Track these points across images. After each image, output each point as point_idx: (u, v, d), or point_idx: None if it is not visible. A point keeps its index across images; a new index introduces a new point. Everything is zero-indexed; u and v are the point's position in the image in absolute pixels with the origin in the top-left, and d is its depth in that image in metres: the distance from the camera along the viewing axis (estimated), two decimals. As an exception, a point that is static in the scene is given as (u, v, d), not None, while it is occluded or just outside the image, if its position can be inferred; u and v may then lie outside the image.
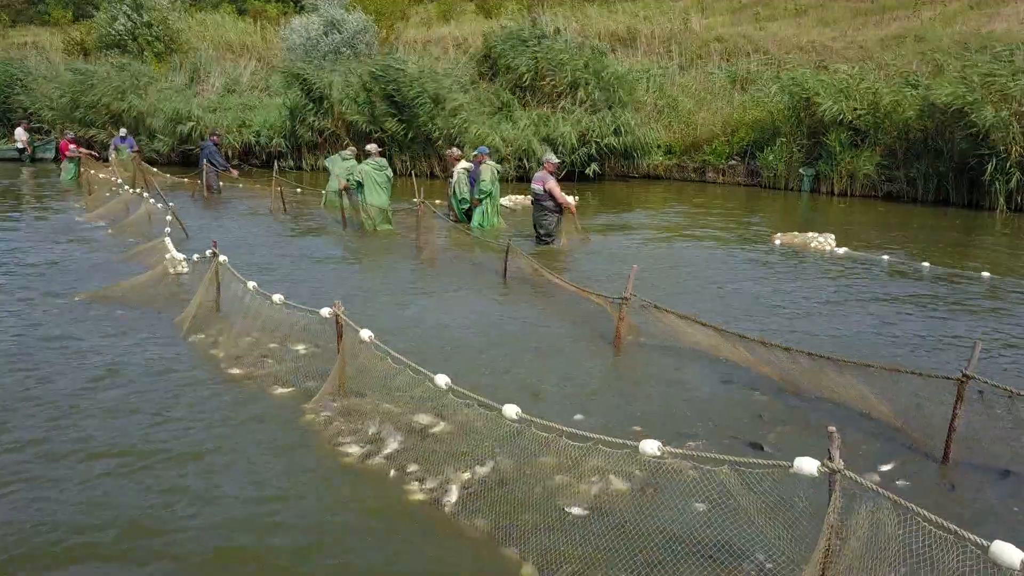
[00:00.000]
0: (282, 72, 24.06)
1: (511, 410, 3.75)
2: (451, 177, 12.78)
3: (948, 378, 4.08)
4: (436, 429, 4.38)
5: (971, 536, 2.41)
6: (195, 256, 7.63)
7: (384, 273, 9.56)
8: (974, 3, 30.95)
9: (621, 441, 3.30)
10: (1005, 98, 14.95)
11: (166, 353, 5.98)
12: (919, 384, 4.49)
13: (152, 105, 22.98)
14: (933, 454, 4.26)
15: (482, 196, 11.92)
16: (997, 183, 15.27)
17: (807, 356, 4.83)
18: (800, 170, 18.80)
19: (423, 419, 4.44)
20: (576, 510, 3.62)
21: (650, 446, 3.24)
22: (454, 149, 13.97)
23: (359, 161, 12.80)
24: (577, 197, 16.31)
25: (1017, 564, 2.35)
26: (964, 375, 4.01)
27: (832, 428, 2.77)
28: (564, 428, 3.51)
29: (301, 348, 5.84)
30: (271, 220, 13.23)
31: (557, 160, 12.05)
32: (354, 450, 4.34)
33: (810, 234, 11.48)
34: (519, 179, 19.02)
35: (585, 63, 20.76)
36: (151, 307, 7.29)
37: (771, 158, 19.27)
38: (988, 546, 2.40)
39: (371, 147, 12.50)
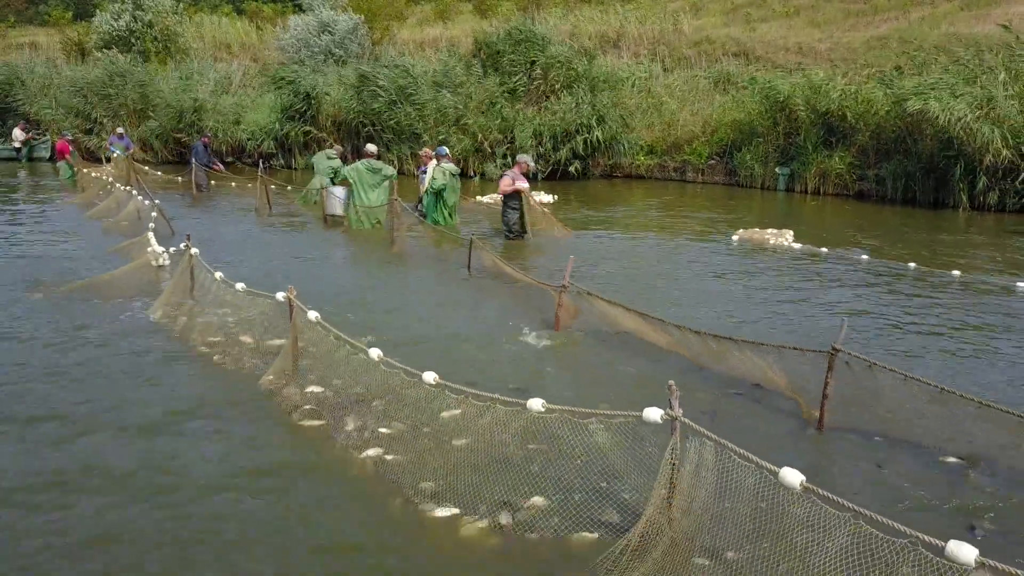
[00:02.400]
0: (270, 76, 24.68)
1: (429, 376, 4.29)
2: (423, 174, 13.16)
3: (820, 351, 4.61)
4: (368, 394, 4.94)
5: (765, 464, 2.95)
6: (171, 249, 8.18)
7: (356, 265, 10.12)
8: (964, 4, 31.29)
9: (513, 400, 3.85)
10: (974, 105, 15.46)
11: (139, 336, 6.53)
12: (814, 358, 5.00)
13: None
14: (813, 420, 4.80)
15: (430, 192, 12.34)
16: (962, 184, 15.81)
17: (713, 338, 5.36)
18: (776, 169, 19.33)
19: (358, 389, 4.98)
20: (461, 441, 4.17)
21: (535, 403, 3.79)
22: (426, 148, 14.44)
23: (345, 161, 13.27)
24: (555, 197, 16.92)
25: (798, 485, 2.89)
26: (833, 348, 4.55)
27: (671, 383, 3.31)
28: (469, 390, 4.05)
29: (259, 330, 6.39)
30: (255, 217, 13.79)
31: (531, 163, 12.55)
32: (299, 413, 4.90)
33: (769, 230, 12.01)
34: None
35: (572, 64, 21.28)
36: (131, 296, 7.85)
37: (748, 158, 19.79)
38: (778, 472, 2.94)
39: (370, 147, 12.97)
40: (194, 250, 7.30)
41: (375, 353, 4.65)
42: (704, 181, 21.09)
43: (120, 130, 20.25)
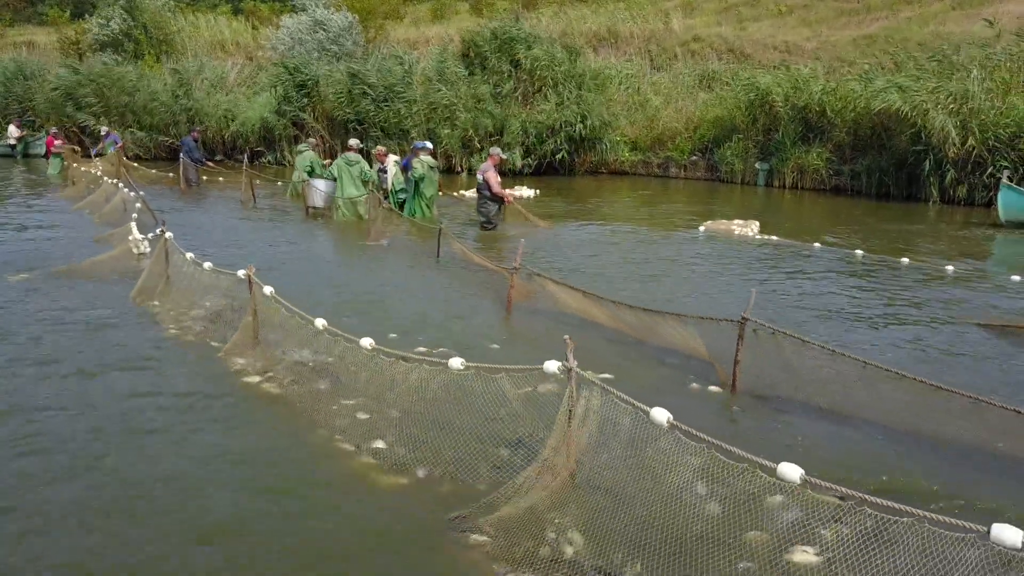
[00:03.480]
0: (274, 65, 25.11)
1: (366, 342, 4.67)
2: (384, 172, 13.50)
3: (732, 320, 4.99)
4: (315, 360, 5.33)
5: (639, 404, 3.32)
6: (149, 235, 8.56)
7: (330, 252, 10.51)
8: (956, 3, 31.54)
9: (436, 359, 4.22)
10: (942, 100, 15.83)
11: (115, 313, 6.92)
12: (728, 327, 5.35)
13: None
14: (728, 383, 5.18)
15: (402, 187, 12.66)
16: (932, 178, 16.19)
17: (643, 311, 5.74)
18: (756, 165, 19.71)
19: (305, 354, 5.37)
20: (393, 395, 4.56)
21: (455, 362, 4.16)
22: (380, 147, 14.74)
23: (319, 153, 13.59)
24: (536, 191, 17.29)
25: (665, 422, 3.26)
26: (743, 318, 4.92)
27: (567, 337, 3.68)
28: (399, 352, 4.43)
29: (223, 304, 6.79)
30: (240, 209, 14.18)
31: (504, 155, 12.92)
32: (253, 377, 5.29)
33: (736, 222, 12.38)
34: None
35: (559, 63, 21.64)
36: (112, 279, 8.24)
37: (728, 154, 20.16)
38: (649, 411, 3.31)
39: (351, 142, 13.34)
40: (168, 234, 7.67)
41: (320, 323, 5.03)
42: (686, 177, 21.48)
43: (104, 129, 20.67)
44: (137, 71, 25.48)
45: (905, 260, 9.52)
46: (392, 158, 13.44)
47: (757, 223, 12.23)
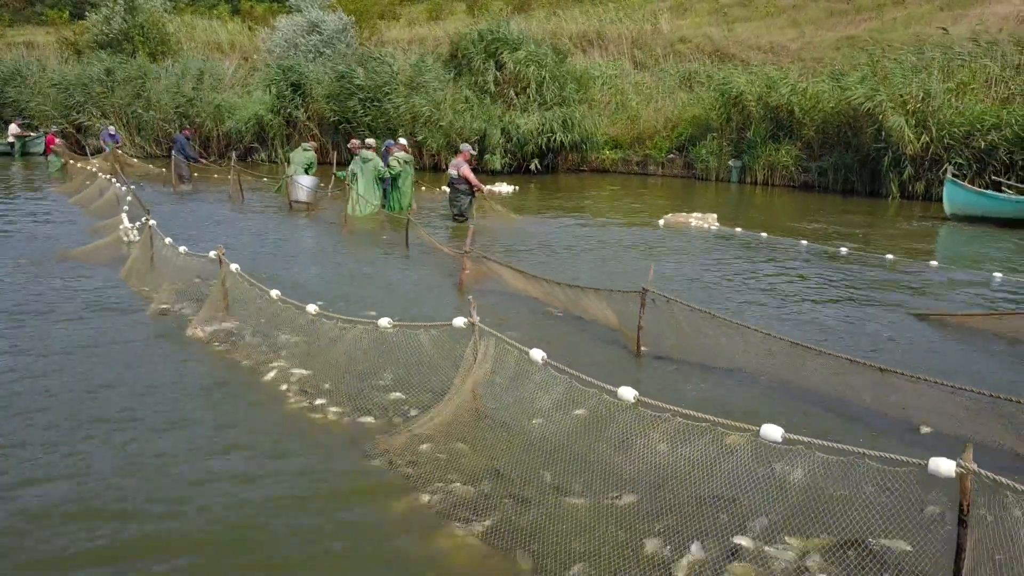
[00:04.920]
0: (269, 66, 25.86)
1: (311, 308, 5.41)
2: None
3: (634, 292, 5.71)
4: (269, 324, 6.07)
5: (521, 347, 4.04)
6: (137, 224, 9.30)
7: (307, 241, 11.26)
8: (945, 4, 32.11)
9: (368, 320, 4.95)
10: (901, 100, 16.55)
11: (105, 292, 7.66)
12: (633, 297, 6.04)
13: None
14: (633, 346, 5.91)
15: (387, 175, 13.32)
16: (891, 175, 16.91)
17: (568, 287, 6.48)
18: (729, 163, 20.42)
19: (263, 322, 6.11)
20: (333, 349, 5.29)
21: (383, 321, 4.89)
22: (355, 140, 15.41)
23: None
24: (515, 188, 18.03)
25: (540, 360, 3.98)
26: (644, 289, 5.64)
27: (471, 297, 4.41)
28: (337, 316, 5.16)
29: (197, 281, 7.54)
30: (227, 203, 14.93)
31: (473, 151, 13.65)
32: (216, 344, 6.02)
33: (695, 214, 13.09)
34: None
35: (543, 65, 22.31)
36: (106, 262, 9.01)
37: (704, 152, 20.89)
38: (528, 352, 4.04)
39: (369, 141, 14.00)
40: (152, 222, 8.41)
41: (275, 294, 5.76)
42: (664, 174, 22.20)
43: (111, 129, 21.44)
44: (139, 66, 26.24)
45: (843, 250, 10.23)
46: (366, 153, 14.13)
47: (715, 216, 12.94)
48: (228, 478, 3.94)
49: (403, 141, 13.60)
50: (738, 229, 12.03)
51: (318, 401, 4.90)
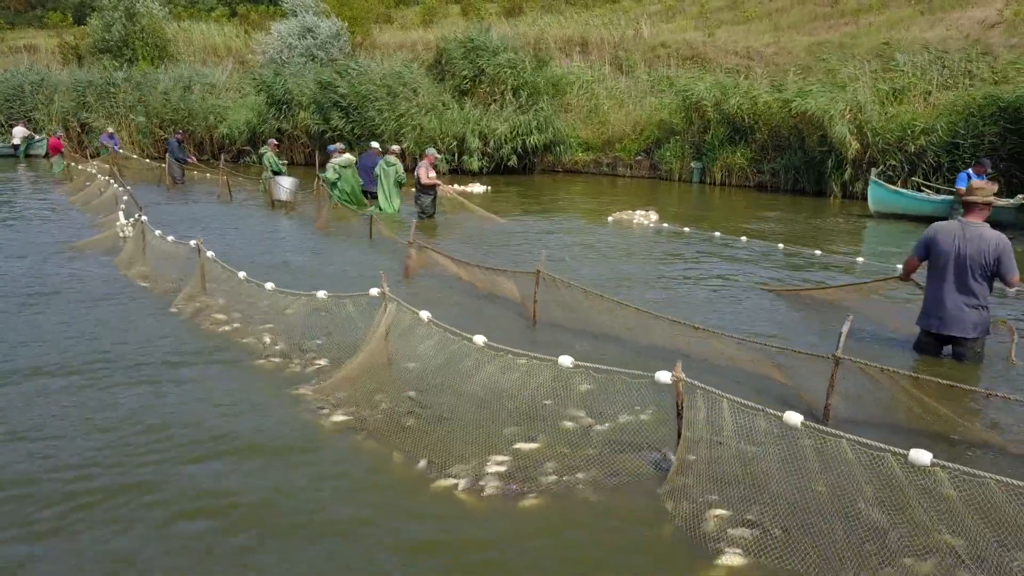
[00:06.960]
0: (252, 80, 27.21)
1: (269, 285, 6.75)
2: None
3: (530, 273, 7.05)
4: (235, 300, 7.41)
5: (414, 309, 5.38)
6: (131, 219, 10.66)
7: (287, 234, 12.63)
8: (926, 8, 33.16)
9: (308, 293, 6.30)
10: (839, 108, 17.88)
11: (103, 279, 9.01)
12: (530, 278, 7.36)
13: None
14: (531, 318, 7.25)
15: (402, 180, 14.66)
16: (834, 175, 18.26)
17: (485, 269, 7.82)
18: (691, 164, 21.76)
19: (233, 298, 7.45)
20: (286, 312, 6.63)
21: (321, 293, 6.23)
22: (339, 144, 16.67)
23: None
24: (488, 188, 19.34)
25: (426, 319, 5.32)
26: (538, 271, 6.98)
27: (381, 272, 5.74)
28: (288, 291, 6.50)
29: (181, 266, 8.86)
30: (215, 202, 16.29)
31: (438, 156, 15.00)
32: (194, 316, 7.36)
33: (638, 212, 14.42)
34: (451, 171, 22.21)
35: (521, 70, 23.60)
36: (104, 253, 10.36)
37: (668, 154, 22.23)
38: (418, 312, 5.37)
39: (394, 147, 15.17)
40: (144, 217, 9.76)
41: (242, 275, 7.11)
42: (632, 175, 23.54)
43: (110, 130, 22.81)
44: (141, 73, 27.62)
45: (743, 239, 11.59)
46: (347, 156, 15.47)
47: (655, 212, 14.28)
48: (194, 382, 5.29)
49: (396, 148, 14.95)
50: (666, 225, 13.33)
51: (271, 350, 6.25)
